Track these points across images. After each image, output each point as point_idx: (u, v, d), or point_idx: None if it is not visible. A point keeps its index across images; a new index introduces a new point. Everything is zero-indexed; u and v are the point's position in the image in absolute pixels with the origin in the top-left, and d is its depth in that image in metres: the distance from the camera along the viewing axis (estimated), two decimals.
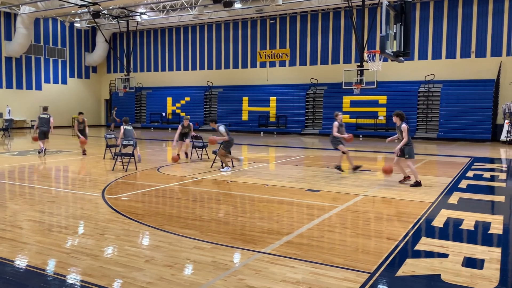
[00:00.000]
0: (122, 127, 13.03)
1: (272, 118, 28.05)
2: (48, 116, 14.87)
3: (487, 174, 11.47)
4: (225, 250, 5.14)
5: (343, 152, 11.38)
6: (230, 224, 6.36)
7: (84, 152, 14.91)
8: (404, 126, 9.36)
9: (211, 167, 12.04)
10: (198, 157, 14.02)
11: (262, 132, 27.73)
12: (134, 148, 11.94)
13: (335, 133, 11.18)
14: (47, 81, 32.64)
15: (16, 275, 4.42)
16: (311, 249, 5.18)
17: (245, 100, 29.02)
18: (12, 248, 5.17)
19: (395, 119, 9.55)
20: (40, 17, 30.54)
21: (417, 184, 9.32)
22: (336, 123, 11.20)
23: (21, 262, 4.76)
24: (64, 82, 33.96)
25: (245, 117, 28.98)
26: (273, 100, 28.09)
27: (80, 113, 15.44)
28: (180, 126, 13.72)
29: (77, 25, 33.13)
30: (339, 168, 11.27)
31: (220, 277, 4.30)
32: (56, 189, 8.92)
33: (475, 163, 13.45)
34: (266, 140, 22.80)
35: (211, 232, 5.89)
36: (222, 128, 11.53)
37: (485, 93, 22.42)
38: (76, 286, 4.14)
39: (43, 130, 14.68)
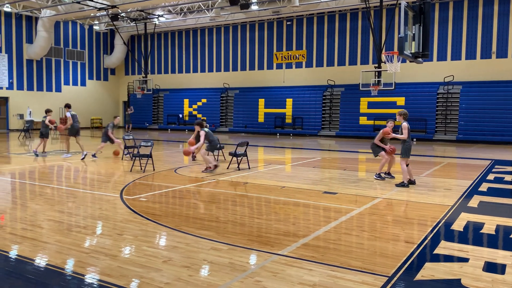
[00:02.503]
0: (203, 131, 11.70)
1: (288, 120, 28.01)
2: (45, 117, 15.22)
3: (508, 177, 11.23)
4: (242, 252, 5.14)
5: None
6: (246, 225, 6.36)
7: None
8: (404, 124, 9.42)
9: (227, 168, 12.08)
10: (215, 159, 14.07)
11: (278, 134, 27.70)
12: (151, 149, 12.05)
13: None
14: (66, 83, 33.21)
15: (36, 274, 4.49)
16: (328, 252, 5.15)
17: (261, 101, 29.04)
18: (33, 247, 5.26)
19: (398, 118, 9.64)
20: (60, 20, 31.11)
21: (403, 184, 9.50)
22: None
23: (41, 261, 4.84)
24: (83, 84, 34.50)
25: (261, 118, 29.00)
26: (289, 101, 28.05)
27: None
28: None
29: (96, 27, 33.66)
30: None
31: (237, 279, 4.31)
32: (75, 190, 9.05)
33: (496, 166, 13.19)
34: (282, 142, 22.77)
35: (228, 234, 5.90)
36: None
37: (506, 95, 21.99)
38: (94, 285, 4.19)
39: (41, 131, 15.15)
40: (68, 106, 14.93)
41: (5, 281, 4.29)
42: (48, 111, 15.25)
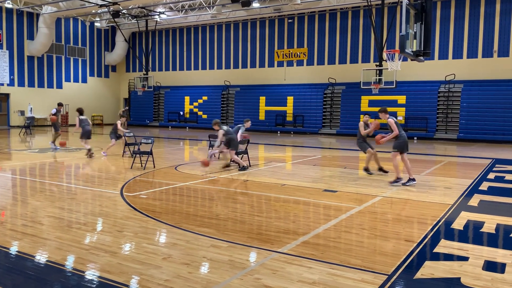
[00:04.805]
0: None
1: (289, 118, 27.98)
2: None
3: (509, 176, 11.21)
4: (241, 249, 5.15)
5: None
6: (246, 223, 6.36)
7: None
8: (390, 120, 10.02)
9: (229, 166, 12.07)
10: (215, 156, 14.05)
11: (279, 132, 27.69)
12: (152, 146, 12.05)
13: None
14: (67, 79, 33.19)
15: (36, 270, 4.50)
16: (328, 250, 5.15)
17: (262, 99, 29.01)
18: (33, 243, 5.27)
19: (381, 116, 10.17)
20: (61, 17, 31.06)
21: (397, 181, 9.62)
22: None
23: (41, 257, 4.85)
24: (84, 81, 34.48)
25: (262, 116, 28.97)
26: (290, 99, 28.02)
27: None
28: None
29: (97, 24, 33.63)
30: None
31: (237, 276, 4.31)
32: (76, 186, 9.06)
33: (496, 165, 13.18)
34: (283, 140, 22.75)
35: (228, 231, 5.91)
36: None
37: (508, 94, 21.93)
38: (94, 282, 4.20)
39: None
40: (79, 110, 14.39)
41: (5, 277, 4.30)
42: (122, 116, 15.85)
